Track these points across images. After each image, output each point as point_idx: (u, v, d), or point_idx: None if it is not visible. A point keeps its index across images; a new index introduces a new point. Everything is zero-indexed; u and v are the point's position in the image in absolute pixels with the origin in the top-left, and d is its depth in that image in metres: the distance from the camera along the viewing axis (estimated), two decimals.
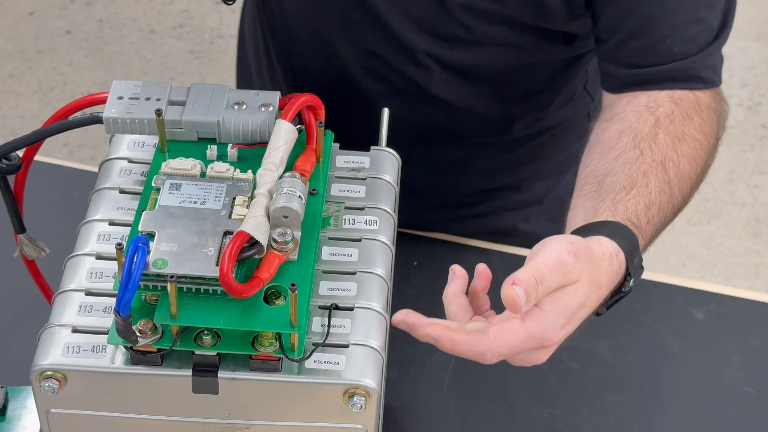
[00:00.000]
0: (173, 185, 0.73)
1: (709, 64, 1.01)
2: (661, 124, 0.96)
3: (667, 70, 1.00)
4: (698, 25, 1.00)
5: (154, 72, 2.56)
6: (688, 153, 0.95)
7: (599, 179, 0.91)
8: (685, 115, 0.98)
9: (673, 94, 0.99)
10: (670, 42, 1.00)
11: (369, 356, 0.71)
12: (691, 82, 1.00)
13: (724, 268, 2.24)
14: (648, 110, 0.98)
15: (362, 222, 0.78)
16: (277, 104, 0.78)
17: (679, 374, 1.07)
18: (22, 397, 0.90)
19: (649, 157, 0.93)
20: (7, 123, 2.44)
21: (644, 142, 0.94)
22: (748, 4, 2.80)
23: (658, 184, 0.91)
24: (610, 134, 0.96)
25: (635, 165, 0.92)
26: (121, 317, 0.66)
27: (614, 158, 0.93)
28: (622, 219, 0.86)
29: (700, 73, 1.00)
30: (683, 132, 0.96)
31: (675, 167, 0.94)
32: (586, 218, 0.87)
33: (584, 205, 0.90)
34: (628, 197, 0.89)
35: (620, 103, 1.00)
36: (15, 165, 0.78)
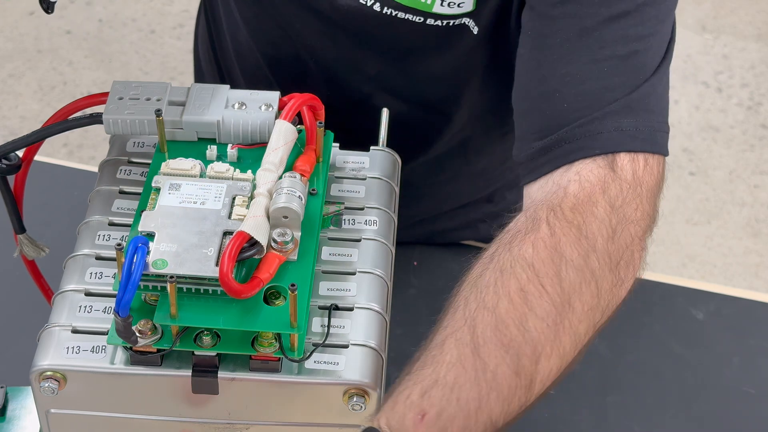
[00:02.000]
0: (173, 185, 0.73)
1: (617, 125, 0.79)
2: (497, 251, 0.75)
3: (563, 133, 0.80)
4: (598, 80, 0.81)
5: (154, 72, 2.56)
6: (516, 288, 0.71)
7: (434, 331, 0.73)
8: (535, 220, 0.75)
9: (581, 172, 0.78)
10: (559, 96, 0.81)
11: (369, 356, 0.71)
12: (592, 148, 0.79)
13: (724, 268, 2.24)
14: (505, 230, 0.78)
15: (362, 222, 0.78)
16: (277, 104, 0.78)
17: (679, 374, 1.07)
18: (22, 397, 0.90)
19: (461, 313, 0.72)
20: (7, 123, 2.44)
21: (466, 289, 0.75)
22: (748, 3, 2.80)
23: (453, 353, 0.69)
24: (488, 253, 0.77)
25: (440, 332, 0.72)
26: (121, 317, 0.66)
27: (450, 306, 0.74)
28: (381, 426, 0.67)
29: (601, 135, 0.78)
30: (518, 257, 0.73)
31: (490, 315, 0.70)
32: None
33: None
34: (402, 386, 0.69)
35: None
36: (15, 165, 0.78)
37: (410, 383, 0.66)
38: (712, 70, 2.62)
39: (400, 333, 1.06)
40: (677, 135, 2.49)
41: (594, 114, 0.79)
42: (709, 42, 2.67)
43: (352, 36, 1.00)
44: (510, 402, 0.67)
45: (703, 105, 2.55)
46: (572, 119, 0.79)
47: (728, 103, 2.56)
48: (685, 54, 2.61)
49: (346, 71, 1.04)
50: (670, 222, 2.33)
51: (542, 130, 0.81)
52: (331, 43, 1.02)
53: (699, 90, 2.58)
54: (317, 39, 1.02)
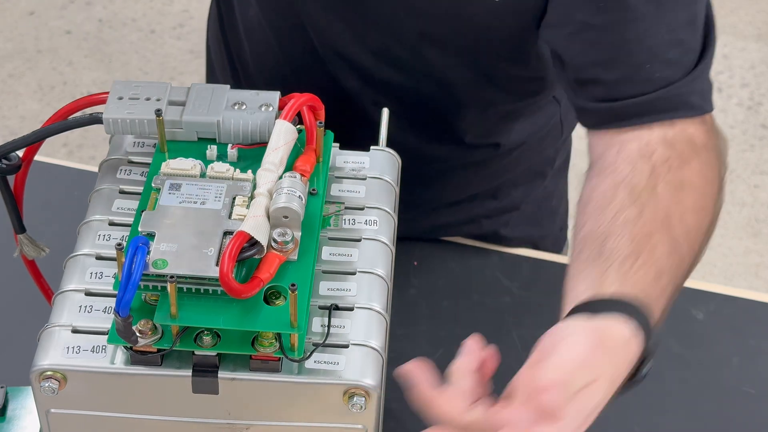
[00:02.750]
0: (173, 185, 0.73)
1: (697, 89, 0.93)
2: (658, 173, 0.87)
3: (650, 100, 0.91)
4: (679, 47, 0.91)
5: (154, 72, 2.56)
6: (691, 204, 0.87)
7: (599, 242, 0.83)
8: (683, 160, 0.89)
9: (666, 135, 0.90)
10: (650, 68, 0.91)
11: (369, 356, 0.71)
12: (679, 110, 0.91)
13: (724, 268, 2.24)
14: (642, 159, 0.88)
15: (362, 222, 0.78)
16: (277, 104, 0.78)
17: (679, 374, 1.06)
18: (22, 397, 0.90)
19: (651, 213, 0.84)
20: (7, 123, 2.44)
21: (642, 196, 0.85)
22: (748, 3, 2.80)
23: (664, 247, 0.83)
24: (603, 189, 0.88)
25: (637, 225, 0.83)
26: (121, 317, 0.66)
27: (612, 217, 0.85)
28: (632, 296, 0.78)
29: (689, 99, 0.91)
30: (683, 180, 0.87)
31: (680, 223, 0.85)
32: (592, 290, 0.79)
33: (586, 273, 0.81)
34: (635, 267, 0.80)
35: (610, 153, 0.91)
36: (15, 165, 0.78)
37: (641, 266, 0.81)
38: (712, 70, 2.62)
39: (400, 333, 1.06)
40: None
41: (683, 79, 0.92)
42: None
43: (356, 4, 1.01)
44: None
45: None
46: (651, 82, 0.91)
47: (728, 103, 2.56)
48: None
49: (350, 43, 1.05)
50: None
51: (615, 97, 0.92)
52: (335, 15, 1.03)
53: None
54: (321, 12, 1.03)
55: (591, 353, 0.72)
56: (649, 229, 0.84)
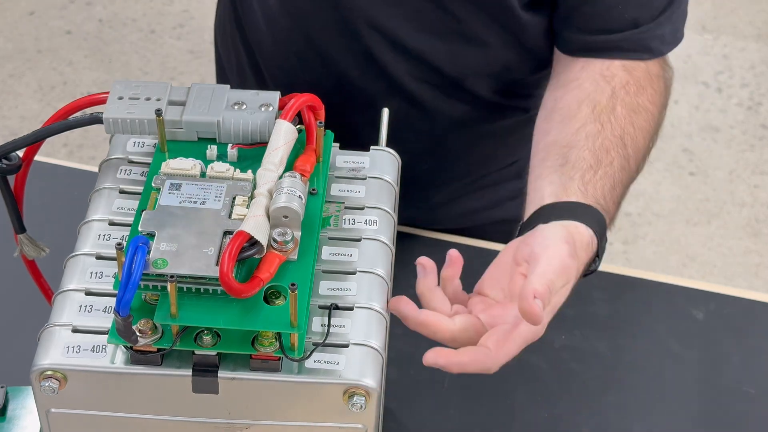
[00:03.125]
0: (173, 185, 0.73)
1: (659, 34, 1.04)
2: (617, 95, 0.99)
3: (617, 40, 1.03)
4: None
5: (154, 72, 2.56)
6: (643, 126, 0.99)
7: (563, 152, 0.94)
8: (639, 86, 1.01)
9: (626, 63, 1.03)
10: (622, 8, 1.03)
11: (369, 356, 0.71)
12: (639, 52, 1.04)
13: (724, 268, 2.24)
14: (604, 79, 1.01)
15: (362, 222, 0.78)
16: (277, 104, 0.78)
17: (679, 374, 1.07)
18: (22, 397, 0.90)
19: (609, 131, 0.96)
20: (7, 123, 2.44)
21: (603, 114, 0.97)
22: (748, 3, 2.80)
23: (619, 162, 0.95)
24: (568, 102, 0.99)
25: (598, 140, 0.95)
26: (121, 317, 0.66)
27: (576, 130, 0.96)
28: (593, 202, 0.89)
29: (650, 44, 1.04)
30: (638, 104, 1.00)
31: (632, 142, 0.97)
32: (556, 194, 0.90)
33: (551, 178, 0.92)
34: (596, 177, 0.92)
35: (574, 68, 1.03)
36: (15, 165, 0.78)
37: (601, 176, 0.92)
38: (712, 70, 2.62)
39: (400, 333, 1.06)
40: (677, 135, 2.49)
41: (652, 22, 1.04)
42: (709, 42, 2.67)
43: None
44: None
45: (703, 105, 2.55)
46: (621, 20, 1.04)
47: (728, 103, 2.56)
48: (685, 54, 2.61)
49: (382, 11, 1.07)
50: (670, 222, 2.33)
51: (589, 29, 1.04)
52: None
53: (699, 90, 2.58)
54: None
55: (567, 261, 0.81)
56: (607, 144, 0.95)
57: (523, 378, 1.05)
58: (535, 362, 1.06)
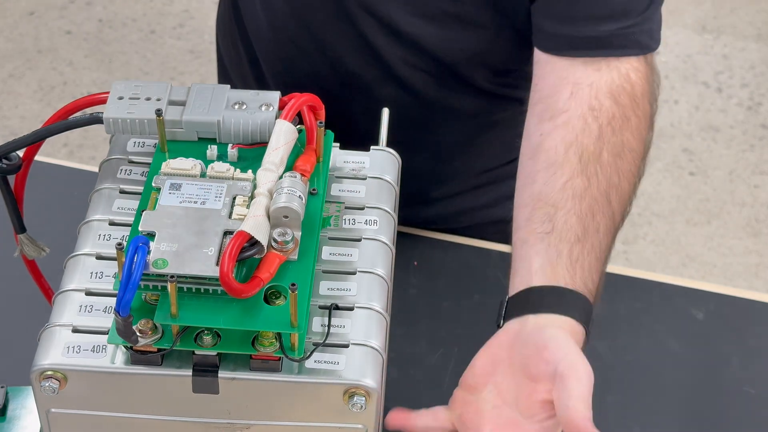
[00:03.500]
0: (173, 185, 0.73)
1: (647, 28, 1.01)
2: (603, 136, 0.96)
3: (606, 35, 0.99)
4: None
5: (154, 72, 2.56)
6: (627, 170, 0.96)
7: (550, 213, 0.92)
8: (625, 118, 0.98)
9: (612, 85, 0.98)
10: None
11: (369, 356, 0.71)
12: (628, 48, 1.00)
13: (724, 268, 2.24)
14: (592, 115, 0.97)
15: (362, 222, 0.78)
16: (277, 104, 0.78)
17: (679, 374, 1.07)
18: (22, 397, 0.90)
19: (596, 188, 0.93)
20: (7, 123, 2.44)
21: (590, 165, 0.94)
22: (748, 3, 2.80)
23: (605, 224, 0.93)
24: (555, 144, 0.96)
25: (584, 201, 0.92)
26: (121, 317, 0.66)
27: (563, 185, 0.93)
28: (581, 287, 0.88)
29: (639, 38, 1.01)
30: (623, 144, 0.96)
31: (617, 193, 0.95)
32: (545, 274, 0.88)
33: (538, 247, 0.90)
34: (584, 252, 0.90)
35: (563, 93, 0.99)
36: (15, 165, 0.78)
37: (588, 251, 0.90)
38: (712, 70, 2.62)
39: (400, 333, 1.06)
40: (677, 135, 2.49)
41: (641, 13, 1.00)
42: (709, 42, 2.67)
43: None
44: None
45: (703, 105, 2.55)
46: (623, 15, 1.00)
47: (728, 103, 2.56)
48: (685, 54, 2.61)
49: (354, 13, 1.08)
50: (670, 222, 2.33)
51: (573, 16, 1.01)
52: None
53: (699, 90, 2.58)
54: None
55: (588, 367, 0.81)
56: (593, 207, 0.93)
57: None
58: None
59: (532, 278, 0.88)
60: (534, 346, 0.82)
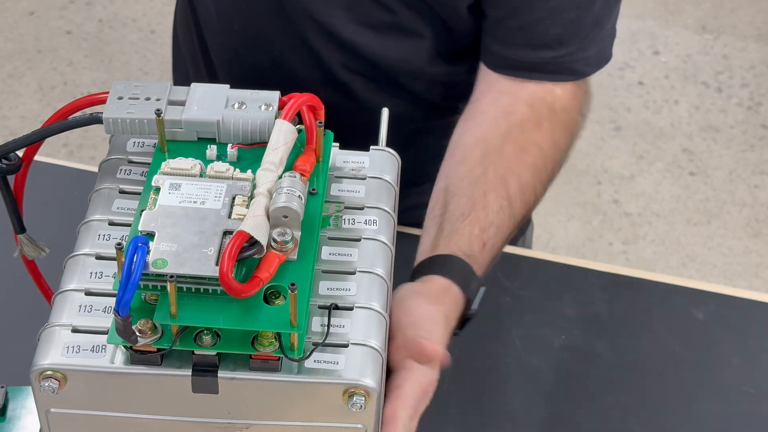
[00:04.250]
0: (173, 185, 0.73)
1: (583, 57, 1.05)
2: (510, 134, 1.00)
3: (541, 61, 1.04)
4: (578, 10, 1.03)
5: (154, 72, 2.56)
6: (532, 163, 1.00)
7: (446, 200, 0.97)
8: (537, 123, 1.02)
9: (533, 96, 1.03)
10: (548, 23, 1.03)
11: (369, 356, 0.71)
12: (561, 74, 1.05)
13: (724, 268, 2.24)
14: (504, 117, 1.02)
15: (362, 222, 0.78)
16: (277, 104, 0.78)
17: (679, 374, 1.07)
18: (22, 397, 0.90)
19: (492, 173, 0.97)
20: (7, 123, 2.44)
21: (490, 156, 0.99)
22: (748, 3, 2.80)
23: (497, 203, 0.96)
24: (466, 141, 1.01)
25: (477, 186, 0.97)
26: (121, 317, 0.66)
27: (462, 176, 0.98)
28: (454, 251, 0.91)
29: (572, 65, 1.05)
30: (530, 141, 1.01)
31: (517, 180, 0.98)
32: (427, 250, 0.93)
33: (429, 230, 0.95)
34: (464, 224, 0.94)
35: (485, 100, 1.04)
36: (15, 165, 0.78)
37: (470, 222, 0.94)
38: (712, 70, 2.62)
39: None
40: (677, 135, 2.49)
41: (578, 43, 1.05)
42: (709, 42, 2.67)
43: None
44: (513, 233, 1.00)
45: (703, 105, 2.55)
46: (545, 37, 1.04)
47: (728, 103, 2.56)
48: (685, 54, 2.61)
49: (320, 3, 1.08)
50: (670, 222, 2.33)
51: (513, 42, 1.05)
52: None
53: (699, 90, 2.58)
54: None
55: (429, 306, 0.85)
56: (486, 188, 0.97)
57: (523, 378, 1.05)
58: (535, 362, 1.06)
59: (420, 254, 0.93)
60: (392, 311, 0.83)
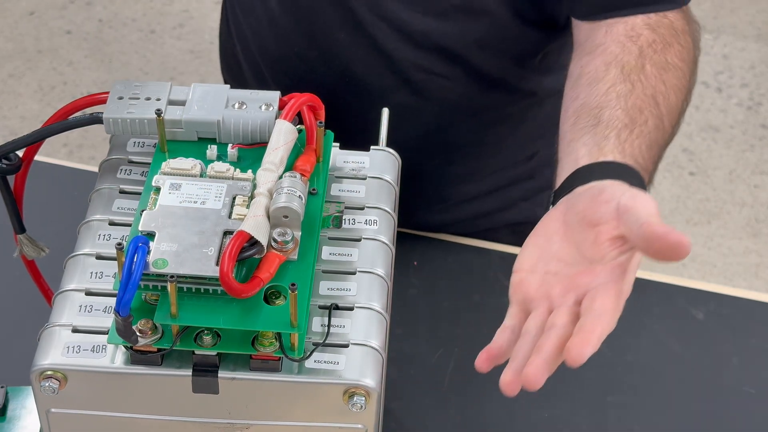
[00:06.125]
0: (173, 185, 0.73)
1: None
2: (645, 54, 0.96)
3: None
4: None
5: (154, 72, 2.56)
6: (674, 83, 0.97)
7: (594, 113, 0.91)
8: (666, 43, 0.98)
9: (649, 20, 0.99)
10: None
11: (369, 356, 0.71)
12: (661, 3, 1.00)
13: (724, 268, 2.24)
14: (629, 40, 0.98)
15: (362, 222, 0.78)
16: (277, 104, 0.78)
17: (679, 374, 1.07)
18: (22, 397, 0.90)
19: (641, 90, 0.93)
20: (7, 123, 2.44)
21: (633, 74, 0.94)
22: (748, 3, 2.80)
23: (653, 121, 0.92)
24: (596, 66, 0.96)
25: (630, 99, 0.92)
26: (121, 317, 0.66)
27: (606, 90, 0.93)
28: (632, 162, 0.86)
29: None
30: (667, 61, 0.97)
31: (665, 100, 0.95)
32: (591, 155, 0.86)
33: (585, 140, 0.88)
34: (632, 136, 0.89)
35: (598, 33, 1.00)
36: (15, 165, 0.78)
37: (637, 136, 0.90)
38: (712, 70, 2.62)
39: (400, 333, 1.06)
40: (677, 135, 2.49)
41: None
42: (709, 42, 2.67)
43: None
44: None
45: (703, 105, 2.55)
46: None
47: (728, 103, 2.56)
48: None
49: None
50: (670, 222, 2.33)
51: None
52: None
53: (699, 90, 2.58)
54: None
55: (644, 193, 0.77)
56: (640, 104, 0.93)
57: None
58: None
59: (578, 162, 0.85)
60: (589, 197, 0.78)
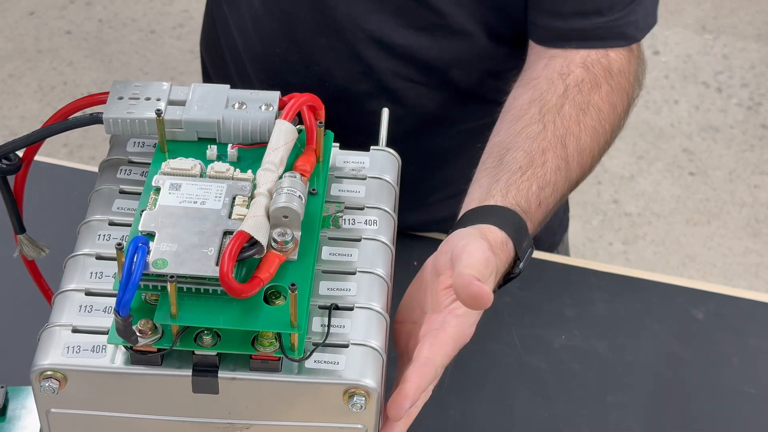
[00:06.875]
0: (173, 185, 0.73)
1: (632, 20, 1.04)
2: (569, 94, 0.99)
3: (592, 27, 1.03)
4: None
5: (154, 72, 2.56)
6: (591, 125, 0.98)
7: (501, 153, 0.95)
8: (594, 84, 1.01)
9: (588, 58, 1.02)
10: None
11: (369, 356, 0.71)
12: (613, 40, 1.04)
13: (724, 268, 2.24)
14: (560, 77, 1.00)
15: (362, 222, 0.78)
16: (277, 104, 0.78)
17: (679, 374, 1.07)
18: (22, 397, 0.90)
19: (551, 132, 0.96)
20: (7, 123, 2.44)
21: (549, 114, 0.97)
22: (748, 3, 2.80)
23: (555, 162, 0.94)
24: (521, 102, 0.99)
25: (536, 141, 0.95)
26: (121, 317, 0.66)
27: (519, 131, 0.96)
28: (512, 204, 0.89)
29: (625, 30, 1.04)
30: (589, 103, 0.99)
31: (575, 141, 0.97)
32: (480, 198, 0.90)
33: (482, 181, 0.92)
34: (522, 179, 0.92)
35: (538, 65, 1.03)
36: (15, 165, 0.78)
37: (528, 178, 0.92)
38: (712, 70, 2.62)
39: None
40: (677, 135, 2.49)
41: (626, 7, 1.04)
42: (709, 42, 2.67)
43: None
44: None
45: (703, 105, 2.55)
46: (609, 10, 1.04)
47: (728, 103, 2.56)
48: (685, 54, 2.61)
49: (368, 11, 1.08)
50: (670, 222, 2.33)
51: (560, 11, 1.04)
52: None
53: (699, 90, 2.58)
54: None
55: (489, 254, 0.80)
56: (545, 145, 0.95)
57: (523, 378, 1.05)
58: (535, 362, 1.06)
59: (469, 205, 0.90)
60: (442, 248, 0.82)
